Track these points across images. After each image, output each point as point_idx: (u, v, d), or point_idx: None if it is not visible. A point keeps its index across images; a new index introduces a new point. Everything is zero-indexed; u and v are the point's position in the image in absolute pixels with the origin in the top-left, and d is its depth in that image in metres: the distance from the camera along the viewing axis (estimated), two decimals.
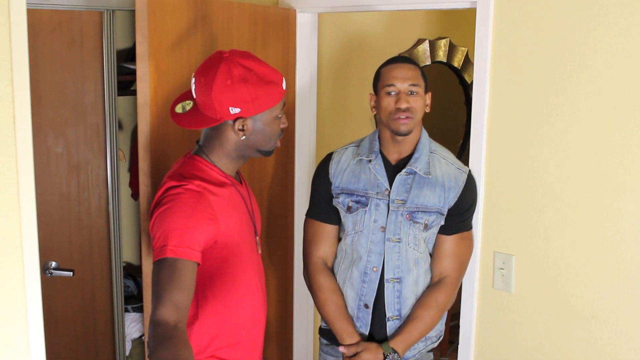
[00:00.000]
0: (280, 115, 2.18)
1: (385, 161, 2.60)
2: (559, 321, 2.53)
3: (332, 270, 2.70)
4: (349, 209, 2.61)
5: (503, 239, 2.64)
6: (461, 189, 2.57)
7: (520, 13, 2.50)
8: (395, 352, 2.54)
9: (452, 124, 5.33)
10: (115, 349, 3.38)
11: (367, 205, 2.57)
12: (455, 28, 5.03)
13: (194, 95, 2.13)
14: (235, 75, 2.04)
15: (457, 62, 5.10)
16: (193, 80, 2.12)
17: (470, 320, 2.77)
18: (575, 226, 2.46)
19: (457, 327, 2.94)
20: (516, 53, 2.53)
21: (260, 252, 2.33)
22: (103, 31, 3.06)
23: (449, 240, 2.60)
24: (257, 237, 2.32)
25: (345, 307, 2.64)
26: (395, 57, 2.63)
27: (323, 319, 2.69)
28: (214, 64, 2.07)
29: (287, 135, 3.36)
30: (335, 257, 2.71)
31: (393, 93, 2.50)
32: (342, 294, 2.65)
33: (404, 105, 2.47)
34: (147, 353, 1.98)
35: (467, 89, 5.27)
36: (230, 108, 2.05)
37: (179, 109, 2.16)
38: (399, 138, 2.54)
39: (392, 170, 2.58)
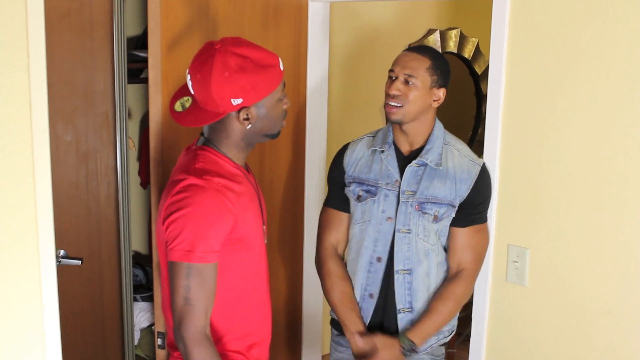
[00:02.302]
0: (282, 97, 2.13)
1: (398, 152, 2.59)
2: (573, 315, 2.51)
3: (343, 258, 2.71)
4: (358, 198, 2.61)
5: (517, 231, 2.61)
6: (474, 181, 2.53)
7: (538, 3, 2.47)
8: (412, 342, 2.52)
9: (461, 116, 5.30)
10: (124, 339, 3.36)
11: (375, 195, 2.58)
12: (466, 19, 5.01)
13: (192, 92, 2.06)
14: (231, 66, 1.97)
15: (468, 53, 5.07)
16: (188, 77, 2.05)
17: (482, 313, 2.75)
18: (591, 220, 2.43)
19: (465, 318, 2.93)
20: (533, 44, 2.50)
21: (265, 241, 2.31)
22: (113, 18, 3.03)
23: (464, 233, 2.57)
24: (265, 227, 2.30)
25: (352, 294, 2.64)
26: (415, 46, 2.61)
27: (329, 305, 2.69)
28: (208, 57, 1.99)
29: (298, 125, 3.35)
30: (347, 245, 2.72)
31: (393, 78, 2.50)
32: (350, 282, 2.66)
33: (392, 91, 2.47)
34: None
35: (477, 80, 5.24)
36: (232, 100, 2.00)
37: (178, 107, 2.09)
38: (404, 128, 2.54)
39: (404, 161, 2.57)
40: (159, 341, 2.59)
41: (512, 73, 2.57)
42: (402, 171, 2.55)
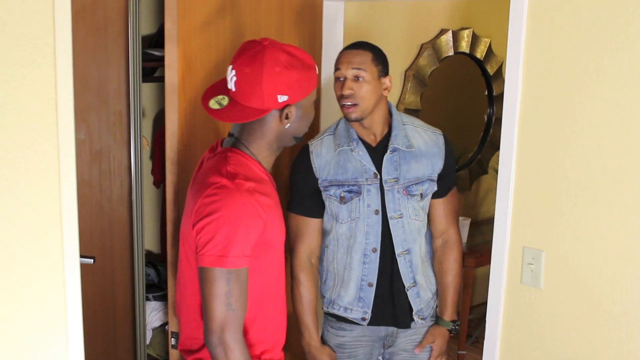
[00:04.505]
0: (315, 100, 2.17)
1: (366, 145, 2.67)
2: (589, 317, 2.49)
3: (314, 265, 2.79)
4: (342, 200, 2.66)
5: (533, 234, 2.60)
6: (444, 152, 2.73)
7: (556, 3, 2.45)
8: (453, 321, 2.86)
9: (473, 116, 5.29)
10: (136, 338, 3.36)
11: (360, 194, 2.64)
12: (479, 19, 4.99)
13: (233, 89, 2.04)
14: (282, 62, 1.99)
15: (480, 53, 5.05)
16: (233, 72, 2.03)
17: (497, 315, 2.73)
18: (606, 222, 2.41)
19: (475, 320, 2.98)
20: (550, 45, 2.48)
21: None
22: (129, 16, 3.03)
23: (443, 202, 2.81)
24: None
25: (314, 303, 2.77)
26: (351, 43, 2.68)
27: (294, 307, 2.79)
28: (257, 52, 2.00)
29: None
30: (327, 246, 2.76)
31: (341, 79, 2.58)
32: (315, 292, 2.77)
33: (345, 92, 2.54)
34: None
35: (489, 80, 5.22)
36: (278, 96, 2.00)
37: (214, 104, 2.07)
38: (364, 123, 2.62)
39: (375, 152, 2.66)
40: (172, 341, 2.59)
41: (529, 73, 2.55)
42: (375, 163, 2.64)
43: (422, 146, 2.69)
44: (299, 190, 2.73)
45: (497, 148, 2.74)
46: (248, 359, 2.00)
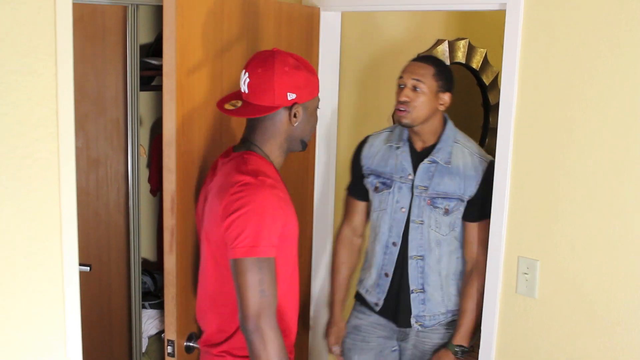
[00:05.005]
0: (318, 107, 2.34)
1: (412, 149, 2.86)
2: (583, 327, 2.50)
3: (356, 245, 3.12)
4: (376, 189, 2.91)
5: (528, 244, 2.61)
6: (481, 177, 2.77)
7: (551, 15, 2.47)
8: (460, 346, 2.86)
9: (469, 126, 5.28)
10: (132, 346, 3.36)
11: (390, 188, 2.86)
12: (475, 29, 5.00)
13: (246, 90, 2.24)
14: (290, 63, 2.21)
15: (476, 63, 5.06)
16: (246, 75, 2.24)
17: (492, 325, 2.74)
18: (602, 232, 2.43)
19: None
20: (545, 55, 2.50)
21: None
22: (127, 25, 3.04)
23: (475, 227, 2.83)
24: None
25: (347, 280, 3.10)
26: (421, 56, 2.93)
27: (331, 280, 3.14)
28: (268, 56, 2.22)
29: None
30: (369, 231, 3.03)
31: (402, 86, 2.77)
32: (351, 269, 3.10)
33: (402, 98, 2.74)
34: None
35: (485, 90, 5.23)
36: (288, 94, 2.19)
37: (229, 106, 2.27)
38: (415, 129, 2.80)
39: (417, 157, 2.85)
40: (168, 349, 2.59)
41: (525, 83, 2.57)
42: (414, 166, 2.83)
43: (461, 166, 2.78)
44: (352, 173, 3.06)
45: None
46: (282, 345, 2.10)
